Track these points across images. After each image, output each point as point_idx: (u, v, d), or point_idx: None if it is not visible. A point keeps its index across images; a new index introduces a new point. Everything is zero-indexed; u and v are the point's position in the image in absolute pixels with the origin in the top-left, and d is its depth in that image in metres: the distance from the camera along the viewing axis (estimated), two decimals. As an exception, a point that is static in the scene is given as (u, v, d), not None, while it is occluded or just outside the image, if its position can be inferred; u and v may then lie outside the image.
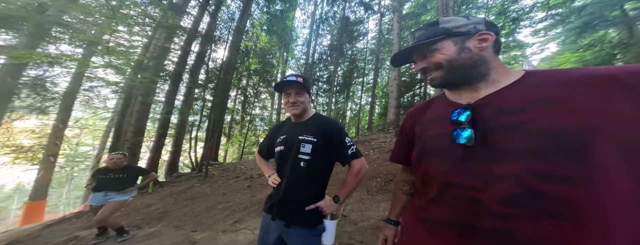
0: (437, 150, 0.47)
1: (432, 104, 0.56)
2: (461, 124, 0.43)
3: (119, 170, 2.22)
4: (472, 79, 0.45)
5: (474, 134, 0.40)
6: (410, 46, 0.49)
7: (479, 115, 0.42)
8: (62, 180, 12.66)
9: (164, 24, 4.81)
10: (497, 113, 0.40)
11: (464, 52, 0.45)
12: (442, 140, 0.46)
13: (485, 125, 0.41)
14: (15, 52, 3.42)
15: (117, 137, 5.53)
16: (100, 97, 7.08)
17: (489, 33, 0.44)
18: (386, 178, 2.96)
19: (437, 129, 0.48)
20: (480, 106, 0.43)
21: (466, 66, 0.45)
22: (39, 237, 2.61)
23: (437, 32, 0.46)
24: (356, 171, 0.82)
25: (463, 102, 0.47)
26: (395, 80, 7.55)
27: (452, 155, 0.43)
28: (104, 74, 4.90)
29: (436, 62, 0.47)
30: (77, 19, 3.92)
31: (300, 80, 0.83)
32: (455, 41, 0.45)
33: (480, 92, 0.45)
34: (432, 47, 0.46)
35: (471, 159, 0.41)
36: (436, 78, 0.48)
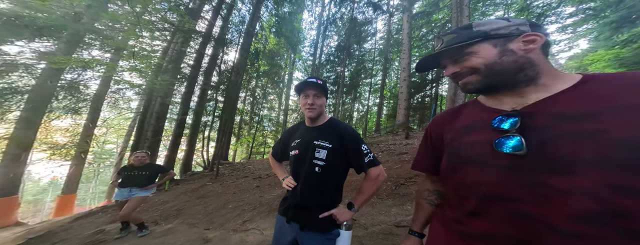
0: (476, 159, 0.43)
1: (464, 109, 0.53)
2: (506, 132, 0.40)
3: (143, 168, 2.34)
4: (517, 83, 0.42)
5: (524, 142, 0.37)
6: (438, 51, 0.46)
7: (531, 122, 0.39)
8: (90, 176, 13.78)
9: (181, 29, 5.15)
10: (557, 119, 0.37)
11: (507, 55, 0.41)
12: (481, 148, 0.43)
13: (542, 133, 0.37)
14: (56, 58, 3.85)
15: (139, 136, 5.95)
16: (124, 99, 7.67)
17: (536, 34, 0.40)
18: (397, 182, 2.88)
19: (474, 136, 0.45)
20: (533, 113, 0.39)
21: (510, 70, 0.41)
22: (70, 228, 2.85)
23: (471, 35, 0.43)
24: (374, 178, 0.80)
25: (505, 108, 0.43)
26: (405, 81, 7.33)
27: (496, 165, 0.40)
28: (129, 77, 5.32)
29: (471, 67, 0.44)
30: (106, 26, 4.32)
31: (320, 82, 0.82)
32: (494, 44, 0.42)
33: (527, 97, 0.41)
34: (466, 50, 0.44)
35: (523, 169, 0.37)
36: (471, 82, 0.45)
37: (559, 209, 0.33)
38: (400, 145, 4.76)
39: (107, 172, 13.45)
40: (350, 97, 12.35)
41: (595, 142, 0.32)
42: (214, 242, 1.96)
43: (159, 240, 2.09)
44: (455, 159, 0.47)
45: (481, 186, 0.41)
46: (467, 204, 0.44)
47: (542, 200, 0.34)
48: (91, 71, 5.10)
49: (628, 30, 4.49)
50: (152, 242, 2.07)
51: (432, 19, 10.93)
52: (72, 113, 5.90)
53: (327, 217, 0.77)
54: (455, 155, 0.47)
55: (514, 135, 0.39)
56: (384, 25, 12.18)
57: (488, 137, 0.42)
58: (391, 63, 12.77)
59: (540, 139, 0.37)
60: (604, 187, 0.31)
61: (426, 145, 0.59)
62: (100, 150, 11.72)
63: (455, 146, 0.48)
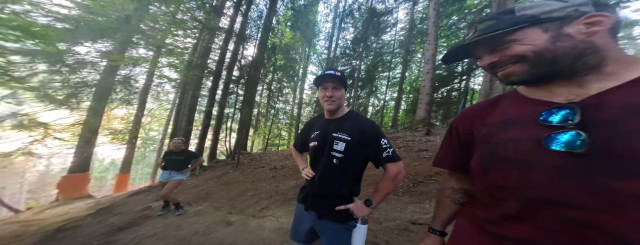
0: (519, 159, 0.37)
1: (501, 102, 0.46)
2: (560, 127, 0.34)
3: (179, 153, 2.60)
4: (576, 71, 0.36)
5: (588, 138, 0.32)
6: (472, 40, 0.40)
7: (595, 115, 0.33)
8: (139, 159, 16.34)
9: (207, 26, 5.67)
10: (629, 113, 0.31)
11: (562, 40, 0.35)
12: (526, 146, 0.36)
13: (610, 128, 0.31)
14: (113, 56, 4.64)
15: (176, 125, 6.84)
16: (164, 92, 8.82)
17: (602, 14, 0.34)
18: (415, 179, 2.80)
19: (516, 132, 0.39)
20: (597, 104, 0.33)
21: (566, 57, 0.35)
22: (126, 203, 3.42)
23: (514, 20, 0.36)
24: (392, 176, 0.78)
25: (559, 99, 0.37)
26: (429, 74, 6.78)
27: (547, 165, 0.34)
28: (168, 72, 6.10)
29: (515, 55, 0.37)
30: (148, 27, 5.01)
31: (339, 74, 0.82)
32: (545, 28, 0.36)
33: (588, 87, 0.35)
34: (506, 38, 0.37)
35: (583, 170, 0.32)
36: (515, 73, 0.38)
37: (630, 217, 0.29)
38: (420, 142, 4.53)
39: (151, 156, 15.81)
40: (365, 91, 11.99)
41: None
42: (236, 225, 2.12)
43: (192, 220, 2.34)
44: (490, 157, 0.42)
45: (527, 189, 0.36)
46: (506, 206, 0.39)
47: (607, 206, 0.30)
48: (139, 67, 6.00)
49: None
50: (186, 220, 2.33)
51: (465, 5, 9.65)
52: (126, 103, 7.07)
53: (344, 210, 0.78)
54: (489, 153, 0.42)
55: (572, 130, 0.33)
56: (406, 15, 11.32)
57: (535, 133, 0.36)
58: (413, 55, 11.89)
59: (608, 135, 0.31)
60: None
61: (451, 140, 0.53)
62: (146, 137, 13.80)
63: (490, 143, 0.42)
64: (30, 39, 3.29)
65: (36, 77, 4.86)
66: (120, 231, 2.19)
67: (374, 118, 12.10)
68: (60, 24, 3.77)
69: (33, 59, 4.04)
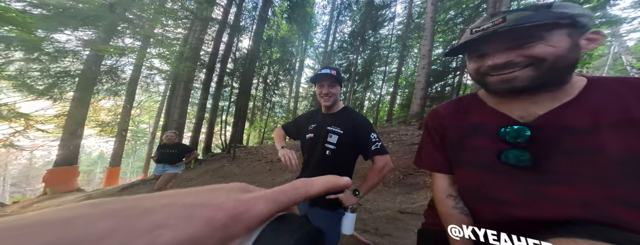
0: (479, 163, 0.43)
1: (469, 107, 0.49)
2: (512, 145, 0.39)
3: (173, 146, 2.56)
4: (549, 86, 0.37)
5: (531, 156, 0.37)
6: (507, 29, 0.35)
7: (539, 136, 0.37)
8: (129, 152, 15.90)
9: (199, 16, 5.39)
10: (562, 134, 0.36)
11: (575, 50, 0.35)
12: (486, 155, 0.42)
13: (547, 148, 0.36)
14: (98, 46, 4.38)
15: (167, 118, 6.68)
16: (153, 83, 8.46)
17: (599, 32, 0.35)
18: (405, 172, 2.96)
19: (481, 141, 0.43)
20: (541, 126, 0.37)
21: (565, 70, 0.36)
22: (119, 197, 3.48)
23: (553, 16, 0.34)
24: (379, 168, 0.82)
25: (514, 115, 0.40)
26: (424, 70, 6.83)
27: (499, 173, 0.40)
28: (159, 64, 5.84)
29: (536, 56, 0.35)
30: (135, 16, 4.71)
31: (334, 72, 0.88)
32: (571, 33, 0.35)
33: (538, 105, 0.38)
34: (539, 33, 0.35)
35: (523, 178, 0.38)
36: (519, 78, 0.37)
37: (552, 213, 0.35)
38: (413, 136, 4.75)
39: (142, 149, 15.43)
40: (362, 85, 12.02)
41: (595, 158, 0.33)
42: None
43: None
44: (457, 157, 0.47)
45: (480, 188, 0.42)
46: (466, 202, 0.46)
47: (539, 205, 0.36)
48: (126, 58, 5.70)
49: None
50: None
51: (462, 1, 9.64)
52: (113, 95, 6.77)
53: (335, 199, 0.84)
54: (458, 154, 0.47)
55: (521, 148, 0.38)
56: (404, 9, 11.18)
57: (494, 146, 0.41)
58: (409, 50, 11.90)
59: (545, 153, 0.36)
60: (600, 198, 0.32)
61: (435, 141, 0.52)
62: (136, 129, 13.36)
63: (458, 145, 0.47)
64: (3, 25, 3.05)
65: (12, 66, 4.53)
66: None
67: (370, 112, 12.27)
68: (37, 9, 3.49)
69: (8, 47, 3.75)
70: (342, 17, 11.71)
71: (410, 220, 1.85)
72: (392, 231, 1.68)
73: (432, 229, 0.54)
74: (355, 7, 11.05)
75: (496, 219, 0.41)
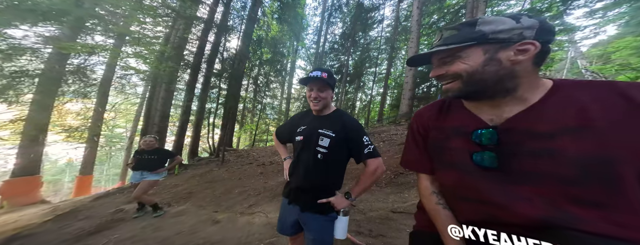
0: (457, 164, 0.46)
1: (450, 107, 0.52)
2: (483, 147, 0.43)
3: (152, 152, 2.42)
4: (495, 94, 0.42)
5: (497, 159, 0.41)
6: (429, 51, 0.45)
7: (506, 139, 0.41)
8: (103, 159, 14.54)
9: (182, 14, 5.04)
10: (525, 137, 0.39)
11: (491, 64, 0.39)
12: (461, 156, 0.45)
13: (512, 150, 0.40)
14: (62, 43, 3.89)
15: (147, 121, 6.18)
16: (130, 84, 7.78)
17: (532, 43, 0.37)
18: (396, 171, 2.99)
19: (457, 143, 0.47)
20: (507, 130, 0.41)
21: (488, 80, 0.40)
22: (92, 207, 3.07)
23: (470, 35, 0.40)
24: (371, 171, 0.81)
25: (484, 117, 0.45)
26: (411, 71, 7.09)
27: (473, 172, 0.43)
28: (135, 63, 5.36)
29: (454, 72, 0.42)
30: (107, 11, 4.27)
31: (325, 76, 0.84)
32: (486, 49, 0.39)
33: (503, 109, 0.42)
34: (457, 52, 0.41)
35: (495, 179, 0.41)
36: (451, 89, 0.44)
37: (520, 211, 0.38)
38: (402, 136, 4.84)
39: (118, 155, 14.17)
40: (353, 86, 12.17)
41: (554, 159, 0.36)
42: (223, 223, 2.08)
43: (173, 221, 2.23)
44: (438, 158, 0.50)
45: (458, 188, 0.46)
46: (448, 201, 0.49)
47: (508, 204, 0.39)
48: (96, 56, 5.15)
49: None
50: (166, 221, 2.22)
51: (444, 5, 10.15)
52: (81, 97, 6.10)
53: (326, 202, 0.83)
54: (438, 155, 0.50)
55: (490, 151, 0.42)
56: (392, 12, 11.48)
57: (468, 147, 0.44)
58: (397, 52, 12.28)
59: (510, 155, 0.40)
60: (559, 197, 0.35)
61: (422, 143, 0.55)
62: (111, 134, 12.22)
63: (440, 147, 0.50)
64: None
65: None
66: (91, 236, 2.00)
67: (361, 113, 12.46)
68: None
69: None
70: (333, 18, 11.76)
71: (403, 219, 1.88)
72: (385, 232, 1.69)
73: (424, 230, 0.55)
74: (346, 9, 11.14)
75: (476, 219, 0.43)
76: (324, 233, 0.83)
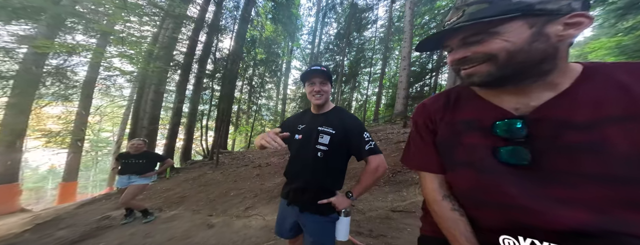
0: (474, 163, 0.38)
1: (459, 99, 0.44)
2: (508, 141, 0.35)
3: (139, 156, 2.32)
4: (526, 78, 0.34)
5: (528, 153, 0.34)
6: (456, 26, 0.35)
7: (536, 131, 0.34)
8: (89, 164, 13.85)
9: (171, 14, 4.84)
10: (560, 128, 0.33)
11: (540, 40, 0.32)
12: (480, 153, 0.38)
13: (548, 144, 0.33)
14: (38, 42, 3.63)
15: (135, 124, 5.91)
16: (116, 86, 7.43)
17: (585, 15, 0.31)
18: (394, 169, 2.99)
19: (474, 138, 0.39)
20: (538, 119, 0.34)
21: (531, 61, 0.33)
22: (76, 215, 2.92)
23: (509, 7, 0.32)
24: (373, 168, 0.78)
25: (509, 107, 0.37)
26: (405, 70, 7.23)
27: (496, 173, 0.36)
28: (120, 64, 5.11)
29: (488, 52, 0.34)
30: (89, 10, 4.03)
31: (325, 69, 0.84)
32: (531, 23, 0.32)
33: (531, 96, 0.35)
34: (492, 29, 0.33)
35: (525, 179, 0.34)
36: (479, 73, 0.35)
37: (559, 220, 0.31)
38: (398, 134, 4.88)
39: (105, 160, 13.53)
40: (349, 86, 12.23)
41: (599, 156, 0.30)
42: (218, 227, 2.03)
43: (165, 226, 2.15)
44: (449, 157, 0.43)
45: (477, 191, 0.38)
46: (463, 205, 0.41)
47: (544, 210, 0.32)
48: (77, 57, 4.86)
49: (633, 17, 4.31)
50: (157, 227, 2.13)
51: (435, 6, 10.41)
52: (62, 100, 5.74)
53: (326, 203, 0.80)
54: (449, 154, 0.43)
55: (517, 145, 0.35)
56: (386, 12, 11.59)
57: (488, 143, 0.37)
58: (391, 52, 12.45)
59: (544, 150, 0.33)
60: (606, 200, 0.29)
61: (429, 139, 0.47)
62: (97, 139, 11.63)
63: (452, 144, 0.42)
64: None
65: None
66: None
67: (357, 112, 12.54)
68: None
69: None
70: (327, 18, 11.76)
71: (403, 218, 1.86)
72: (386, 231, 1.67)
73: (433, 236, 0.48)
74: (340, 9, 11.16)
75: (501, 226, 0.36)
76: (324, 235, 0.80)
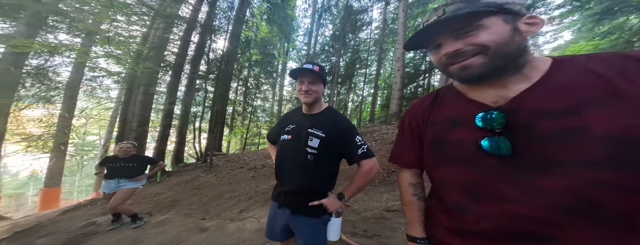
0: (464, 158, 0.40)
1: (443, 98, 0.47)
2: (491, 132, 0.37)
3: (128, 159, 2.27)
4: (509, 70, 0.37)
5: (509, 143, 0.35)
6: (444, 18, 0.36)
7: (515, 120, 0.35)
8: (74, 169, 13.20)
9: (162, 13, 4.69)
10: (538, 116, 0.34)
11: (516, 35, 0.35)
12: (468, 147, 0.39)
13: (526, 133, 0.34)
14: (15, 41, 3.42)
15: (123, 127, 5.68)
16: (102, 87, 7.13)
17: (538, 17, 0.36)
18: (388, 169, 3.03)
19: (460, 134, 0.41)
20: (515, 109, 0.36)
21: (515, 53, 0.36)
22: (59, 221, 2.76)
23: (483, 4, 0.35)
24: (366, 171, 0.78)
25: (488, 101, 0.39)
26: (399, 72, 7.34)
27: (484, 165, 0.37)
28: (106, 64, 4.90)
29: (479, 44, 0.36)
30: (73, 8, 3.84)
31: (316, 68, 0.79)
32: (506, 19, 0.35)
33: (509, 88, 0.37)
34: (476, 22, 0.35)
35: (511, 170, 0.35)
36: (474, 65, 0.37)
37: (545, 204, 0.32)
38: (393, 135, 4.97)
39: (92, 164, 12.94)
40: (345, 87, 12.30)
41: (579, 141, 0.31)
42: (211, 231, 1.99)
43: (155, 231, 2.09)
44: (440, 154, 0.44)
45: (470, 185, 0.39)
46: (455, 199, 0.42)
47: (532, 199, 0.33)
48: (60, 57, 4.62)
49: (609, 22, 4.56)
50: (147, 232, 2.06)
51: (427, 9, 10.70)
52: (43, 102, 5.44)
53: (318, 205, 0.79)
54: (439, 151, 0.44)
55: (499, 135, 0.36)
56: (380, 14, 11.77)
57: (474, 136, 0.39)
58: (386, 53, 12.63)
59: (524, 139, 0.35)
60: (588, 184, 0.30)
61: (410, 137, 0.52)
62: (82, 142, 11.09)
63: (440, 141, 0.44)
64: None
65: None
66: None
67: (353, 113, 12.60)
68: None
69: None
70: (323, 20, 11.81)
71: (397, 218, 1.87)
72: (380, 231, 1.68)
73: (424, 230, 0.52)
74: (335, 10, 11.23)
75: (495, 217, 0.37)
76: (316, 238, 0.79)
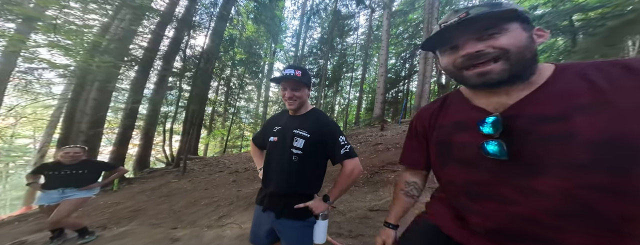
0: (468, 160, 0.43)
1: (451, 104, 0.50)
2: (490, 136, 0.39)
3: (77, 166, 1.97)
4: (521, 78, 0.38)
5: (505, 148, 0.37)
6: (470, 18, 0.36)
7: (512, 126, 0.38)
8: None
9: (129, 4, 4.02)
10: (535, 122, 0.36)
11: (532, 42, 0.36)
12: (471, 150, 0.42)
13: (523, 137, 0.37)
14: None
15: (68, 129, 4.71)
16: (42, 82, 5.80)
17: (545, 30, 0.39)
18: (372, 170, 3.12)
19: (465, 137, 0.44)
20: (513, 115, 0.38)
21: (530, 62, 0.37)
22: None
23: (506, 9, 0.35)
24: (348, 172, 0.79)
25: (490, 108, 0.41)
26: (383, 77, 7.71)
27: (485, 167, 0.40)
28: (49, 55, 3.99)
29: (501, 47, 0.36)
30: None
31: (299, 73, 0.79)
32: (525, 27, 0.37)
33: (511, 95, 0.39)
34: (501, 25, 0.36)
35: (507, 172, 0.38)
36: (494, 72, 0.37)
37: (539, 206, 0.34)
38: (376, 137, 5.16)
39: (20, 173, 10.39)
40: (332, 90, 12.45)
41: (566, 145, 0.33)
42: (184, 241, 1.83)
43: (113, 244, 1.85)
44: (445, 156, 0.47)
45: (470, 185, 0.42)
46: (457, 198, 0.45)
47: (526, 200, 0.35)
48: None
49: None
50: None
51: (408, 19, 11.56)
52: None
53: (303, 207, 0.79)
54: (445, 153, 0.47)
55: (496, 140, 0.38)
56: (366, 21, 12.27)
57: (476, 140, 0.41)
58: (371, 58, 13.19)
59: (520, 143, 0.37)
60: (577, 187, 0.32)
61: (417, 140, 0.56)
62: (8, 147, 8.81)
63: (446, 143, 0.47)
64: None
65: None
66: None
67: (340, 116, 12.82)
68: None
69: None
70: (312, 23, 11.77)
71: (380, 217, 1.90)
72: (364, 231, 1.70)
73: (427, 218, 0.55)
74: (324, 14, 11.29)
75: (497, 218, 0.39)
76: (301, 241, 0.79)
